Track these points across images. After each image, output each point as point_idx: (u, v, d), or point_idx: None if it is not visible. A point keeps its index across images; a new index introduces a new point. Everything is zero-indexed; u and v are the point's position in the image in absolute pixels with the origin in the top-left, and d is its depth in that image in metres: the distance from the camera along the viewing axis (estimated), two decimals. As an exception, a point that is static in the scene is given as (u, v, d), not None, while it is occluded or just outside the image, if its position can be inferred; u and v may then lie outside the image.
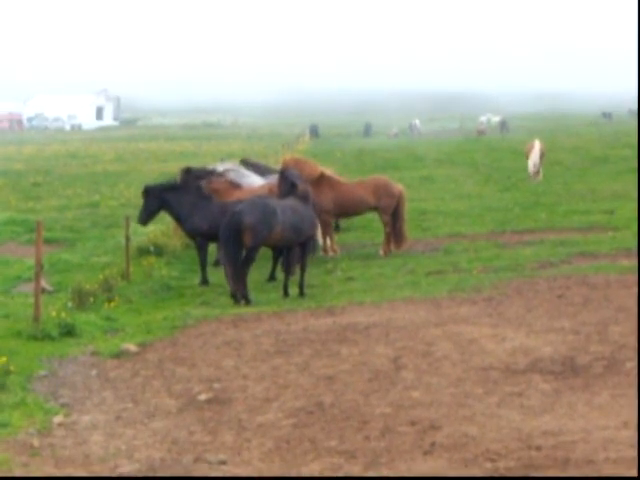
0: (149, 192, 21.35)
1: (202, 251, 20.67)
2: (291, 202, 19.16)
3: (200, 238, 20.75)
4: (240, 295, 17.98)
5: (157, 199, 21.16)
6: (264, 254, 20.54)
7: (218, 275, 20.67)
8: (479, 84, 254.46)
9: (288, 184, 19.57)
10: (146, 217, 21.45)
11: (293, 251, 19.23)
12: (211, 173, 24.66)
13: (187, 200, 20.92)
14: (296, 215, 18.79)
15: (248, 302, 17.88)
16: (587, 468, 8.53)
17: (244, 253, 18.33)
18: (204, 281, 20.37)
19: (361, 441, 9.67)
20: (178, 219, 21.38)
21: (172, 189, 21.24)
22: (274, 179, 25.81)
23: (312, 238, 19.60)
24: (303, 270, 19.00)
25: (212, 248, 22.07)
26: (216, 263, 23.03)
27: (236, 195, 23.04)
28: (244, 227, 18.16)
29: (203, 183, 23.41)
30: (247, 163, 29.45)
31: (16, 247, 26.45)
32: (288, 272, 19.19)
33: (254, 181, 25.43)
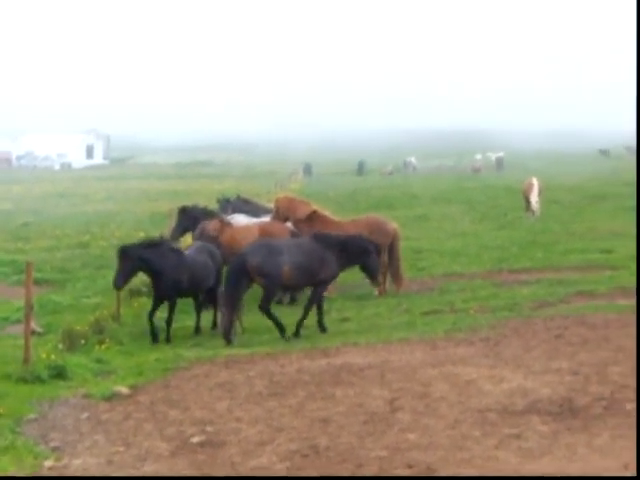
0: (126, 253, 19.47)
1: (173, 311, 19.78)
2: (301, 242, 19.24)
3: (176, 297, 19.83)
4: (278, 329, 18.62)
5: (135, 259, 19.37)
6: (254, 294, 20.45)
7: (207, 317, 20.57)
8: (480, 121, 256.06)
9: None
10: (123, 281, 19.58)
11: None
12: (207, 213, 24.74)
13: (165, 256, 19.59)
14: (305, 255, 18.77)
15: (283, 332, 18.51)
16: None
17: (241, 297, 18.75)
18: (154, 338, 19.24)
19: (356, 485, 9.49)
20: (158, 277, 19.66)
21: (149, 247, 19.69)
22: (266, 218, 25.89)
23: (326, 281, 19.47)
24: (320, 310, 19.21)
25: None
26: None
27: (228, 234, 23.07)
28: (251, 269, 18.31)
29: (203, 226, 23.52)
30: (237, 202, 29.49)
31: (4, 288, 26.28)
32: (319, 310, 19.25)
33: (249, 221, 25.47)
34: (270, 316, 18.86)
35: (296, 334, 18.76)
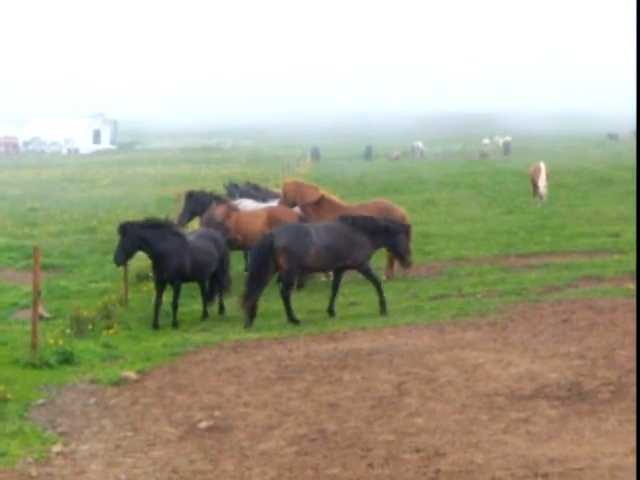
0: (126, 230, 19.28)
1: (178, 295, 19.51)
2: (330, 225, 19.16)
3: (179, 281, 19.56)
4: (289, 319, 18.41)
5: (135, 238, 19.14)
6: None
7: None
8: (489, 105, 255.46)
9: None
10: (124, 258, 19.47)
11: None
12: (215, 198, 24.66)
13: (166, 239, 19.30)
14: (333, 238, 18.72)
15: (297, 323, 18.27)
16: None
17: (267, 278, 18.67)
18: (155, 326, 18.93)
19: (364, 469, 9.53)
20: (158, 259, 19.38)
21: (150, 226, 19.41)
22: (274, 203, 25.83)
23: (359, 263, 19.31)
24: (334, 294, 19.21)
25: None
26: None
27: (234, 218, 23.01)
28: (277, 250, 18.26)
29: (210, 211, 23.40)
30: (246, 187, 29.38)
31: (13, 273, 26.25)
32: (334, 294, 19.20)
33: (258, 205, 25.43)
34: (287, 303, 18.63)
35: (331, 313, 18.87)
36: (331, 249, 18.68)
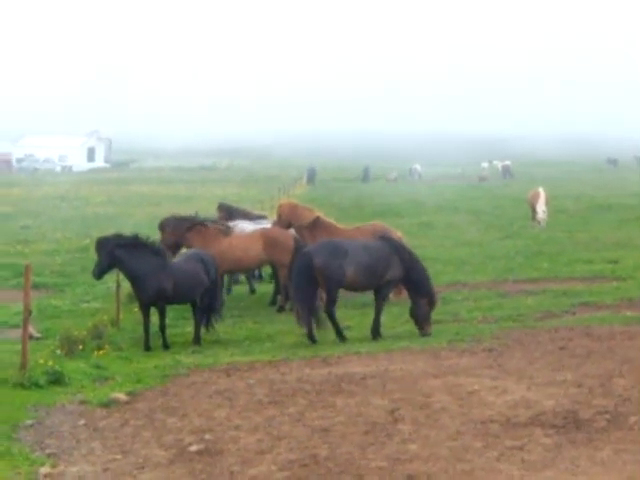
0: (102, 246, 18.90)
1: (163, 317, 19.22)
2: (368, 243, 19.18)
3: (162, 303, 19.20)
4: (337, 332, 18.66)
5: (110, 255, 18.76)
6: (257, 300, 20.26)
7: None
8: (492, 128, 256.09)
9: None
10: (99, 272, 19.12)
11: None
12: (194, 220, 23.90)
13: (144, 260, 18.83)
14: (371, 256, 18.62)
15: (344, 339, 18.49)
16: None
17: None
18: (147, 347, 18.78)
19: (356, 496, 9.37)
20: (134, 280, 19.04)
21: (126, 245, 18.89)
22: (266, 224, 25.72)
23: (391, 283, 19.27)
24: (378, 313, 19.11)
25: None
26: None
27: (224, 242, 22.79)
28: (315, 269, 18.35)
29: (184, 229, 22.94)
30: (223, 208, 29.07)
31: (3, 292, 26.13)
32: (377, 315, 19.09)
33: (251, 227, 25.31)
34: (333, 319, 18.68)
35: (374, 337, 18.73)
36: (368, 268, 18.61)
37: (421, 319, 18.96)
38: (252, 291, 26.78)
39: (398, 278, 19.04)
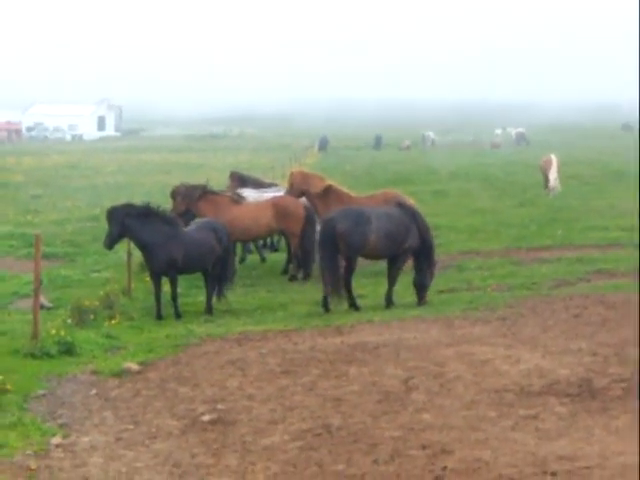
0: (112, 215, 18.94)
1: (174, 286, 19.16)
2: (389, 211, 19.08)
3: (172, 272, 19.11)
4: (350, 302, 18.56)
5: (120, 224, 18.74)
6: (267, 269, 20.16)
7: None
8: (506, 95, 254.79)
9: None
10: (110, 242, 19.10)
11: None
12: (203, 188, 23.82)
13: (155, 229, 18.79)
14: (393, 223, 18.53)
15: (357, 309, 18.40)
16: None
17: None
18: (159, 316, 18.78)
19: (370, 465, 9.34)
20: (145, 250, 19.03)
21: (137, 214, 18.85)
22: (278, 192, 25.60)
23: (408, 251, 19.11)
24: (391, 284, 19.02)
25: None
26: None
27: (235, 211, 22.70)
28: (338, 235, 18.24)
29: (195, 197, 22.85)
30: (235, 177, 28.99)
31: (14, 262, 26.08)
32: (391, 283, 19.03)
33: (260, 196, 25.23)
34: (349, 288, 18.62)
35: (388, 305, 18.68)
36: (390, 235, 18.54)
37: (425, 289, 18.93)
38: (262, 260, 26.76)
39: (415, 246, 18.93)
